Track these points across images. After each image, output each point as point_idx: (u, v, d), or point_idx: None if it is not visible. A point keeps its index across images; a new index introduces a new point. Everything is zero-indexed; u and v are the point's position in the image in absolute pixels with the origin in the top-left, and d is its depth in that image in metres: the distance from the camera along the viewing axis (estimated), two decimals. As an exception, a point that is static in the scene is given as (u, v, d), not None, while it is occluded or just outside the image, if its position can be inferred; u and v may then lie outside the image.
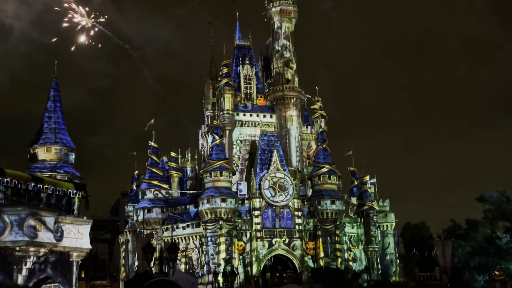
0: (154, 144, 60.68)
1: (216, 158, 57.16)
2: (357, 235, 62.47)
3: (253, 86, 67.44)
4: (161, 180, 59.51)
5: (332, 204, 58.38)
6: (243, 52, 69.07)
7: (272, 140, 60.49)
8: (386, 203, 68.13)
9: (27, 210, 26.02)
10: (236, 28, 72.70)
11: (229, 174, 57.35)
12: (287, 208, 57.39)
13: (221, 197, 55.19)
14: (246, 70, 67.60)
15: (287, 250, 56.56)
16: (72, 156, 39.02)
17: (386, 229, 66.27)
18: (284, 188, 57.38)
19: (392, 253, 65.97)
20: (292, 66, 67.67)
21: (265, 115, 66.15)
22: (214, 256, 54.07)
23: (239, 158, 64.23)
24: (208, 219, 55.04)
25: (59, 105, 39.63)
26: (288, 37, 68.46)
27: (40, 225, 26.11)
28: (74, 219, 28.92)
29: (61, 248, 28.02)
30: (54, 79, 39.74)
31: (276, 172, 57.89)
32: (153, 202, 58.15)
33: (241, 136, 65.08)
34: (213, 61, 74.60)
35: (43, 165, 37.52)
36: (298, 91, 66.79)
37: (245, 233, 56.19)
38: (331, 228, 57.85)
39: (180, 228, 57.40)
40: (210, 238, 54.70)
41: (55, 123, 38.96)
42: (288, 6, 68.61)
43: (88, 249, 30.15)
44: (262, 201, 56.93)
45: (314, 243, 57.83)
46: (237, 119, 64.87)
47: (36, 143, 38.40)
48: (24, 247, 25.60)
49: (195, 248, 56.70)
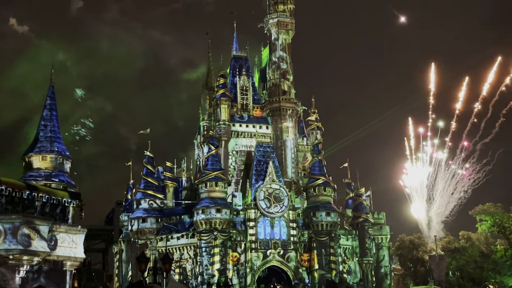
0: (149, 153, 60.65)
1: (212, 169, 57.15)
2: (351, 248, 62.37)
3: (250, 97, 67.58)
4: (156, 190, 59.39)
5: (327, 216, 58.34)
6: (239, 63, 69.27)
7: (268, 151, 60.56)
8: (381, 216, 68.10)
9: (21, 219, 25.93)
10: (233, 39, 72.96)
11: (225, 184, 57.32)
12: (282, 220, 57.34)
13: (216, 207, 55.09)
14: (243, 81, 67.76)
15: (281, 262, 56.42)
16: (67, 164, 38.95)
17: (380, 242, 66.16)
18: (279, 199, 57.35)
19: (387, 266, 65.83)
20: (289, 78, 67.91)
21: (261, 126, 66.22)
22: (208, 267, 53.88)
23: (235, 168, 64.19)
24: (203, 230, 54.90)
25: (55, 113, 39.60)
26: (285, 48, 68.75)
27: (34, 234, 26.02)
28: (68, 228, 28.82)
29: (55, 257, 27.88)
30: (51, 88, 39.73)
31: (272, 183, 57.89)
32: (147, 212, 58.01)
33: (237, 147, 65.10)
34: (210, 72, 74.80)
35: (38, 174, 37.43)
36: (294, 103, 66.97)
37: (240, 244, 56.07)
38: (325, 240, 57.77)
39: (174, 238, 57.25)
40: (204, 249, 54.53)
41: (51, 131, 38.91)
42: (285, 18, 69.00)
43: (82, 258, 30.01)
44: (257, 212, 56.86)
45: (309, 255, 57.73)
46: (233, 130, 64.90)
47: (32, 151, 38.33)
48: (18, 256, 25.48)
49: (189, 258, 56.53)
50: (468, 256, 73.69)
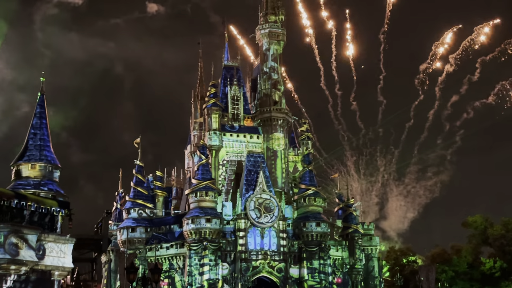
0: (139, 162, 60.45)
1: (202, 178, 57.02)
2: (341, 258, 62.32)
3: (241, 107, 67.63)
4: (145, 199, 59.14)
5: (317, 226, 58.32)
6: (231, 73, 69.38)
7: (259, 161, 60.56)
8: (371, 227, 68.18)
9: (9, 228, 25.67)
10: (224, 49, 73.13)
11: (215, 194, 57.17)
12: (272, 230, 57.24)
13: (206, 217, 54.93)
14: (234, 91, 67.83)
15: (271, 272, 56.24)
16: (56, 173, 38.66)
17: (370, 253, 66.16)
18: (270, 210, 57.29)
19: (377, 277, 65.77)
20: (280, 88, 68.10)
21: (252, 136, 66.20)
22: (197, 277, 53.61)
23: (225, 178, 64.07)
24: (192, 240, 54.68)
25: (45, 122, 39.36)
26: (276, 59, 68.98)
27: (22, 243, 25.77)
28: (57, 237, 28.53)
29: (43, 267, 27.57)
30: (41, 96, 39.53)
31: (262, 193, 57.84)
32: (137, 221, 57.71)
33: (228, 157, 65.01)
34: (201, 81, 74.86)
35: (27, 182, 37.12)
36: (285, 113, 67.11)
37: (230, 254, 55.86)
38: (315, 251, 57.71)
39: (164, 248, 56.96)
40: (194, 259, 54.27)
41: (40, 139, 38.66)
42: (276, 29, 69.30)
43: (70, 268, 29.71)
44: (247, 222, 56.75)
45: (299, 265, 57.62)
46: (224, 139, 64.84)
47: (21, 160, 38.06)
48: (5, 265, 25.19)
49: (178, 268, 56.21)
50: (458, 268, 73.88)
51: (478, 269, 73.62)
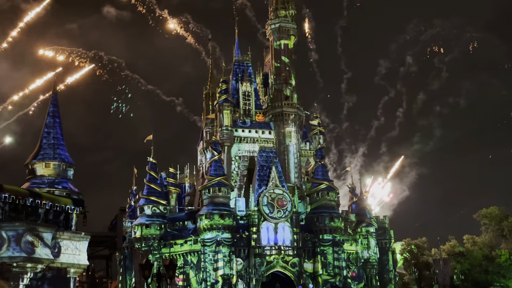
0: (152, 159, 60.66)
1: (215, 174, 57.12)
2: (355, 252, 62.16)
3: (252, 102, 67.56)
4: (159, 196, 59.35)
5: (330, 221, 58.21)
6: (242, 69, 69.29)
7: (271, 156, 60.49)
8: (385, 220, 67.91)
9: (24, 226, 25.92)
10: (235, 45, 73.03)
11: (228, 190, 57.25)
12: (285, 225, 57.21)
13: (220, 213, 55.03)
14: (245, 87, 67.75)
15: (285, 267, 56.23)
16: (70, 171, 39.01)
17: (384, 246, 65.93)
18: (283, 205, 57.23)
19: (391, 270, 65.57)
20: (291, 83, 67.91)
21: (263, 131, 66.14)
22: (211, 273, 53.76)
23: (238, 174, 64.10)
24: (206, 236, 54.81)
25: (58, 120, 39.69)
26: (286, 53, 68.77)
27: (37, 241, 26.00)
28: (71, 235, 28.78)
29: (58, 264, 27.83)
30: (54, 95, 39.85)
31: (275, 188, 57.80)
32: (151, 218, 57.93)
33: (240, 152, 65.02)
34: (212, 77, 74.86)
35: (41, 181, 37.48)
36: (296, 108, 66.93)
37: (243, 249, 55.94)
38: (329, 245, 57.61)
39: (178, 244, 57.14)
40: (208, 255, 54.44)
41: (54, 138, 38.97)
42: (287, 24, 69.03)
43: (86, 265, 29.96)
44: (260, 217, 56.76)
45: (313, 260, 57.58)
46: (235, 135, 64.86)
47: (35, 159, 38.38)
48: (21, 263, 25.46)
49: (193, 264, 56.40)
50: (473, 260, 73.42)
51: (494, 262, 73.11)
